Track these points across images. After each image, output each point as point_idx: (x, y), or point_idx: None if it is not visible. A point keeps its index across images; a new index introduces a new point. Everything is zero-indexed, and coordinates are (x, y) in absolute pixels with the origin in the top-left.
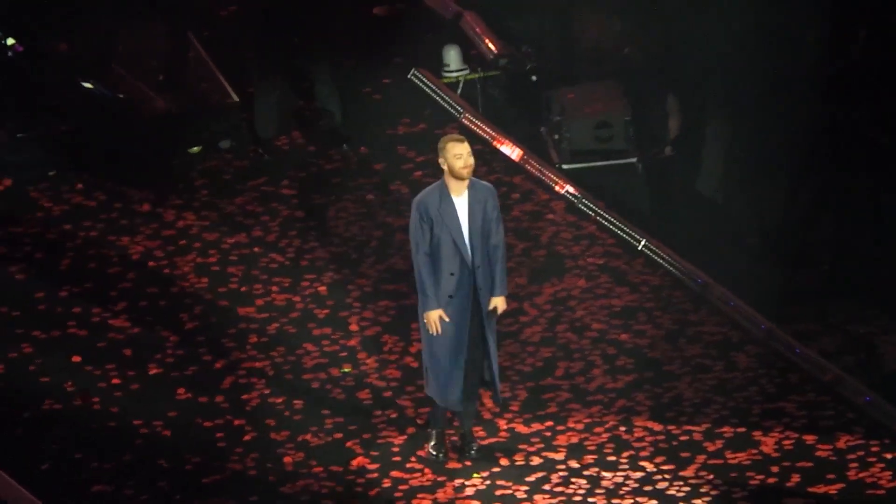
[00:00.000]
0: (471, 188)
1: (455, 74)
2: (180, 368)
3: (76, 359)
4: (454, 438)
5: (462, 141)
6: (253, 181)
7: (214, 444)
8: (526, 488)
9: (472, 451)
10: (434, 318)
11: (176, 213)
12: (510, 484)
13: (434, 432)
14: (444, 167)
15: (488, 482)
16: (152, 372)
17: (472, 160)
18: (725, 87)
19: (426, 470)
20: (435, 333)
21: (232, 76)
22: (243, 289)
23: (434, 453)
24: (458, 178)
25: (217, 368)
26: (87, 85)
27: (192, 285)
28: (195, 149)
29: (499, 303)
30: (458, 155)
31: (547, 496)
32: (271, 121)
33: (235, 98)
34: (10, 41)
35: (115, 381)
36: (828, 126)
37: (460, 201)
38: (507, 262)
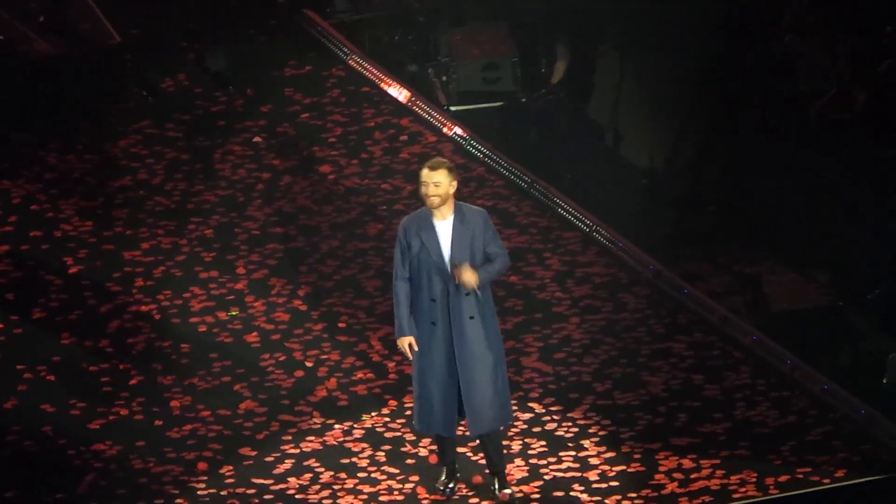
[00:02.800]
0: (458, 213)
1: (341, 16)
2: (64, 313)
3: None
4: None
5: (433, 167)
6: (137, 123)
7: (100, 389)
8: (415, 431)
9: (509, 494)
10: (404, 344)
11: (59, 156)
12: (399, 425)
13: (444, 468)
14: None
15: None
16: (36, 316)
17: (437, 189)
18: (615, 27)
19: (315, 413)
20: (410, 359)
21: (114, 16)
22: (129, 232)
23: (441, 488)
24: (426, 204)
25: (102, 312)
26: None
27: (75, 228)
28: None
29: (466, 269)
30: (424, 182)
31: None
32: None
33: (118, 38)
34: None
35: None
36: (717, 67)
37: (443, 226)
38: (500, 273)
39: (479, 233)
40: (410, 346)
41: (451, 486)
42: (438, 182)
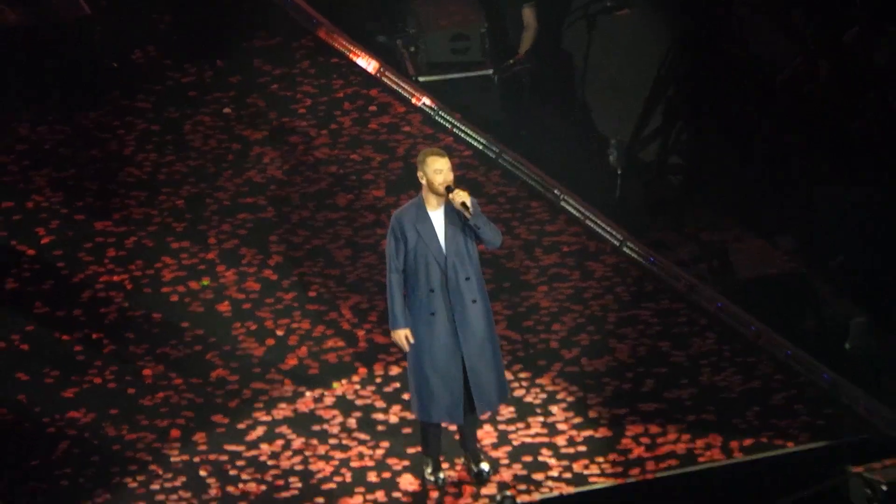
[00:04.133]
0: (449, 202)
1: None
2: (37, 283)
3: None
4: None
5: (443, 155)
6: (107, 95)
7: (73, 358)
8: (385, 398)
9: (485, 471)
10: (400, 336)
11: (30, 127)
12: (370, 392)
13: (430, 458)
14: (423, 181)
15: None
16: (9, 286)
17: (451, 175)
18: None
19: (286, 381)
20: (406, 350)
21: None
22: (100, 203)
23: (432, 479)
24: (438, 193)
25: (74, 282)
26: None
27: (47, 199)
28: None
29: (465, 196)
30: (439, 170)
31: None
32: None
33: (88, 10)
34: None
35: None
36: (684, 36)
37: (437, 215)
38: (490, 225)
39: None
40: (406, 337)
41: (441, 476)
42: (450, 169)
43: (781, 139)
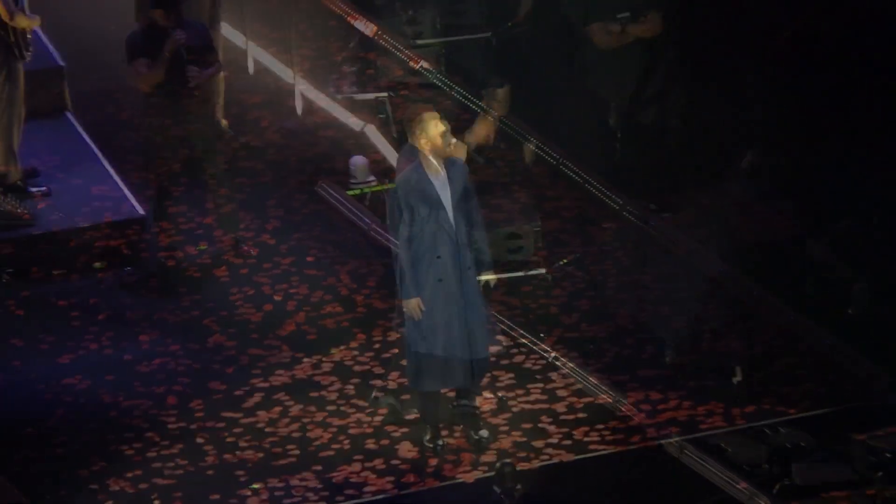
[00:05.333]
0: (447, 164)
1: None
2: (33, 247)
3: None
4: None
5: (438, 115)
6: (105, 57)
7: (69, 324)
8: (384, 364)
9: (485, 438)
10: (413, 305)
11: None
12: (368, 359)
13: (429, 426)
14: (427, 146)
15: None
16: (4, 251)
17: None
18: None
19: (284, 347)
20: (417, 319)
21: None
22: (97, 166)
23: (431, 446)
24: (442, 154)
25: (70, 247)
26: None
27: (44, 163)
28: None
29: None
30: (444, 133)
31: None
32: None
33: None
34: None
35: None
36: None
37: (439, 180)
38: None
39: (467, 183)
40: (419, 306)
41: (440, 443)
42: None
43: (782, 101)
